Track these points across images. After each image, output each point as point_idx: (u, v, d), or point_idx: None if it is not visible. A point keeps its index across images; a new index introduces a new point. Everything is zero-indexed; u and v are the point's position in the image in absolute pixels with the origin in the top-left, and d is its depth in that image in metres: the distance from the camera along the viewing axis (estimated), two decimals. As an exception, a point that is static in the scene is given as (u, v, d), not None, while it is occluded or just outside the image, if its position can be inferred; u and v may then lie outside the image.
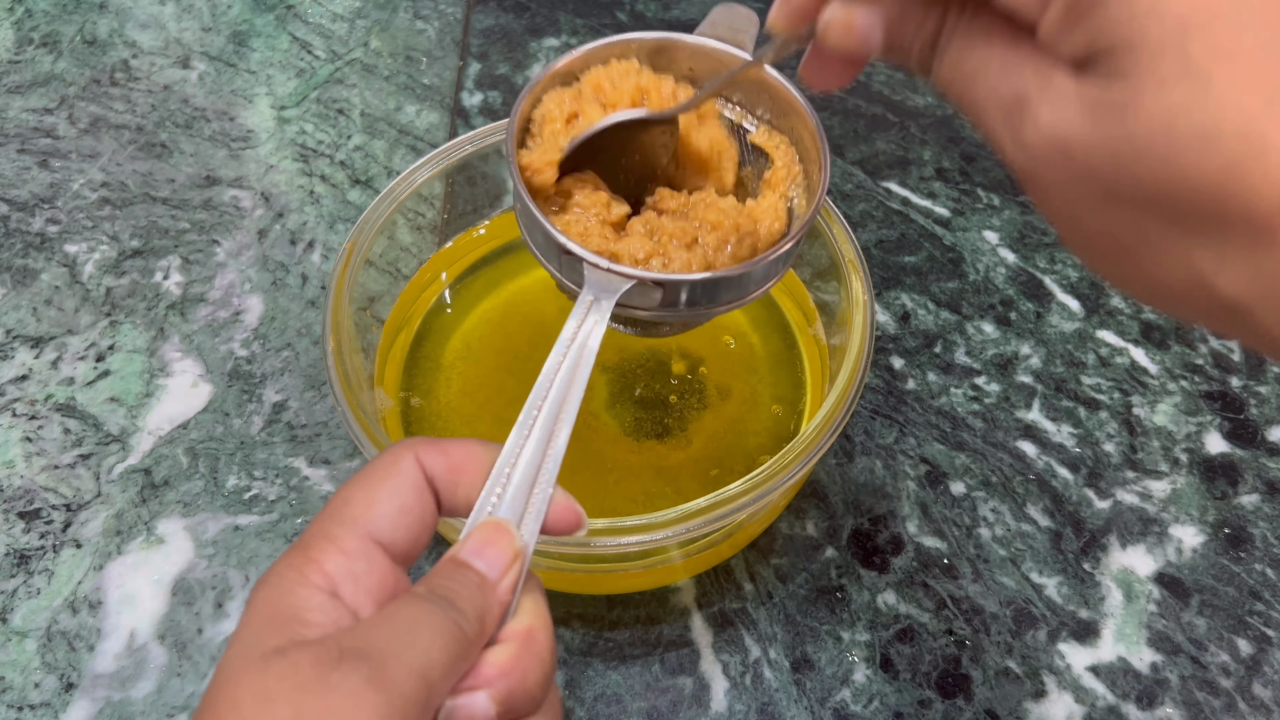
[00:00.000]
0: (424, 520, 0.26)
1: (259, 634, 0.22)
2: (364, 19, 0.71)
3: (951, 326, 0.55)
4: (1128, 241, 0.22)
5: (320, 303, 0.55)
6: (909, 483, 0.49)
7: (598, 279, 0.31)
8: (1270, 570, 0.46)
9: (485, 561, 0.25)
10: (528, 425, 0.27)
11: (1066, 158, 0.22)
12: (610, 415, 0.46)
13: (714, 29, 0.35)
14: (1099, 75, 0.21)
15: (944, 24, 0.25)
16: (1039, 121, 0.22)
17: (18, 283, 0.56)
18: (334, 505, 0.25)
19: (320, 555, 0.24)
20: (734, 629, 0.44)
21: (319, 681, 0.21)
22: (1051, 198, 0.23)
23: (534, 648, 0.25)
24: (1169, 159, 0.20)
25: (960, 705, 0.42)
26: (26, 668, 0.43)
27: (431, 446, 0.26)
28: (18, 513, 0.47)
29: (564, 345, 0.29)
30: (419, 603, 0.23)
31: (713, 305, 0.33)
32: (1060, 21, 0.21)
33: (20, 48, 0.68)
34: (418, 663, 0.22)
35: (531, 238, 0.34)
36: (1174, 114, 0.19)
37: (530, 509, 0.26)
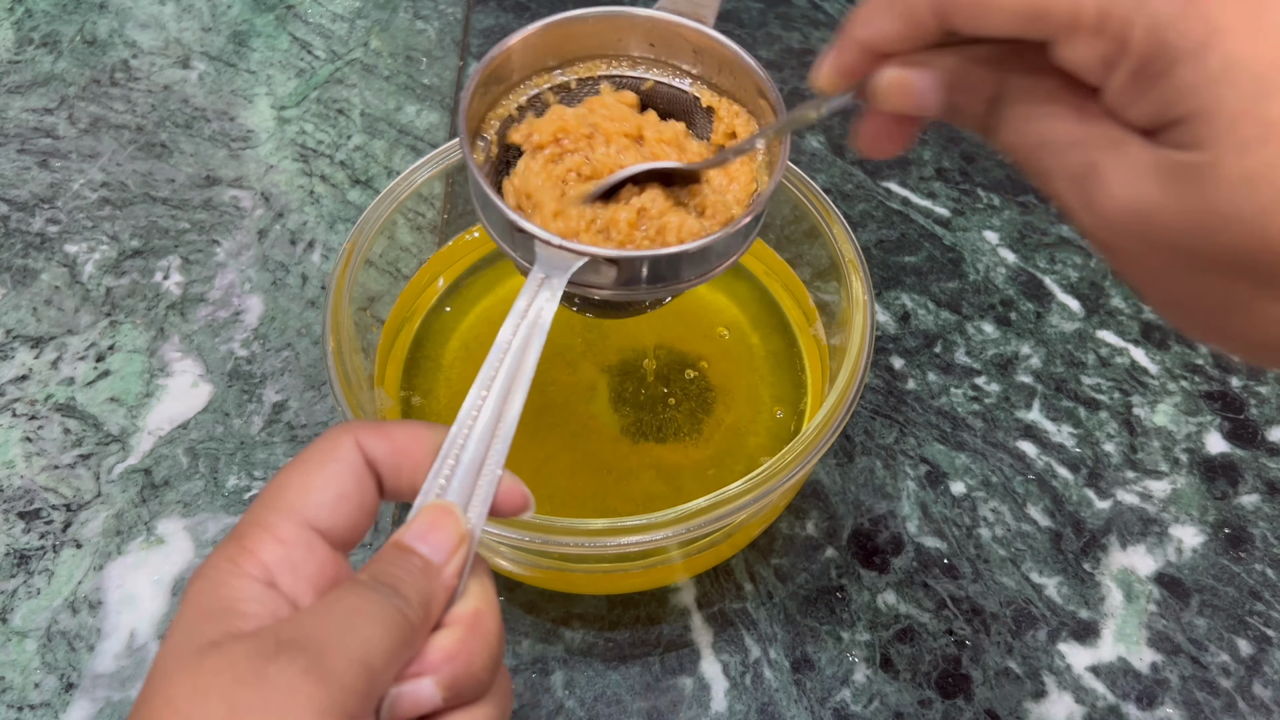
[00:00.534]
0: (364, 506, 0.25)
1: (194, 627, 0.22)
2: (364, 19, 0.71)
3: (951, 326, 0.55)
4: (1217, 304, 0.22)
5: (320, 303, 0.55)
6: (909, 483, 0.49)
7: (549, 255, 0.30)
8: (1270, 570, 0.46)
9: (430, 545, 0.24)
10: (476, 405, 0.27)
11: (1145, 227, 0.21)
12: (610, 415, 0.46)
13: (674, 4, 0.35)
14: (1174, 143, 0.20)
15: (1005, 86, 0.24)
16: (1113, 192, 0.21)
17: (18, 283, 0.56)
18: (269, 492, 0.25)
19: (255, 544, 0.23)
20: (734, 629, 0.44)
21: (255, 674, 0.20)
22: (1133, 265, 0.23)
23: (480, 631, 0.24)
24: (1255, 224, 0.19)
25: (960, 705, 0.42)
26: (26, 668, 0.43)
27: (372, 430, 0.26)
28: (18, 513, 0.47)
29: (514, 323, 0.28)
30: (361, 590, 0.23)
31: (675, 281, 0.32)
32: (1127, 88, 0.21)
33: (20, 48, 0.68)
34: (358, 651, 0.21)
35: (486, 217, 0.33)
36: (1257, 179, 0.19)
37: (478, 492, 0.26)
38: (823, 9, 0.72)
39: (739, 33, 0.70)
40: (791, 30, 0.70)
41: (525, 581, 0.45)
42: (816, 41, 0.70)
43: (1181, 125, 0.20)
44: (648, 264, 0.31)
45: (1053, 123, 0.23)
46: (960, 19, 0.23)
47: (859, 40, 0.25)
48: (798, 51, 0.69)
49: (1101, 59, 0.21)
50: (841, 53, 0.26)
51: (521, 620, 0.44)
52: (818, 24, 0.71)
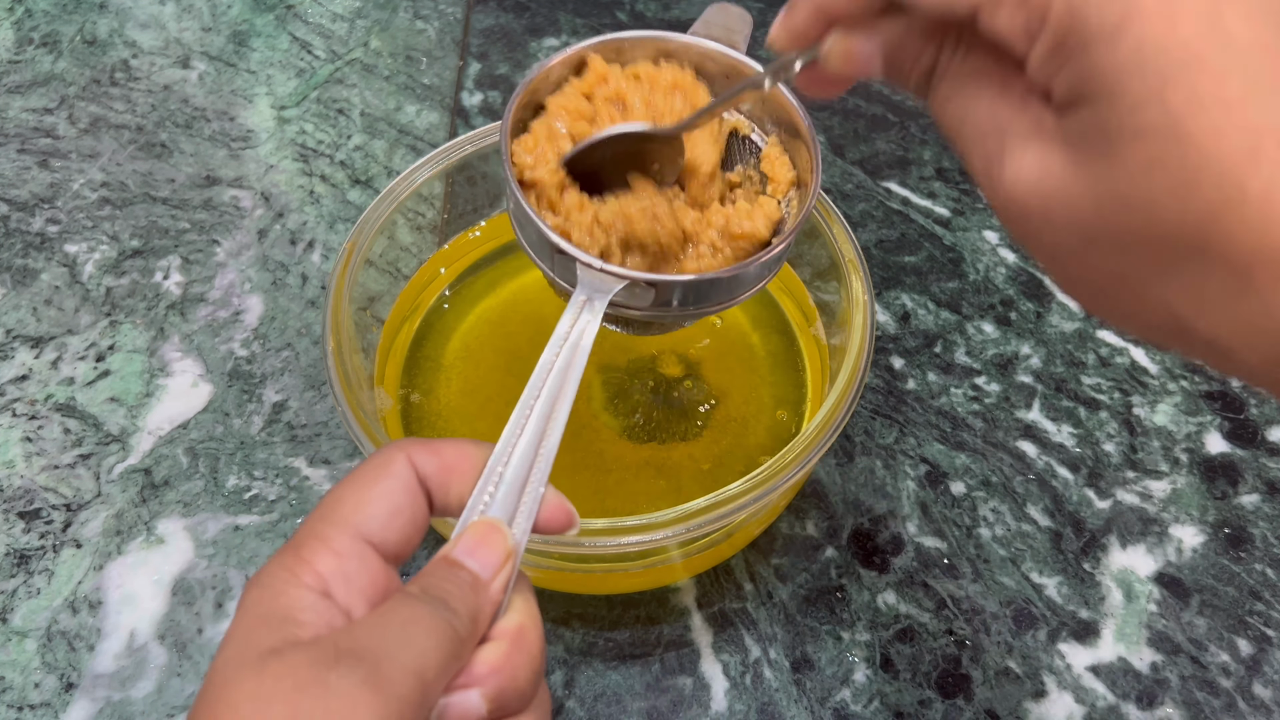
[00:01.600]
0: (415, 521, 0.26)
1: (252, 635, 0.22)
2: (364, 19, 0.71)
3: (951, 326, 0.55)
4: (1108, 282, 0.22)
5: (320, 303, 0.55)
6: (909, 483, 0.49)
7: (591, 279, 0.31)
8: (1270, 570, 0.46)
9: (477, 561, 0.25)
10: (520, 424, 0.28)
11: (1046, 205, 0.22)
12: (610, 415, 0.46)
13: (708, 29, 0.36)
14: (1081, 121, 0.21)
15: (940, 58, 0.25)
16: (1021, 164, 0.22)
17: (18, 283, 0.56)
18: (326, 505, 0.25)
19: (312, 556, 0.24)
20: (734, 629, 0.44)
21: (316, 682, 0.21)
22: (1032, 238, 0.23)
23: (524, 645, 0.25)
24: (1148, 208, 0.20)
25: (960, 705, 0.42)
26: (26, 668, 0.43)
27: (423, 447, 0.27)
28: (18, 513, 0.47)
29: (557, 344, 0.29)
30: (413, 603, 0.23)
31: (704, 305, 0.33)
32: (1045, 61, 0.21)
33: (20, 48, 0.68)
34: (413, 663, 0.22)
35: (525, 236, 0.34)
36: (1153, 165, 0.20)
37: (522, 508, 0.27)
38: (823, 9, 0.72)
39: (739, 33, 0.70)
40: (791, 30, 0.70)
41: (525, 581, 0.45)
42: (816, 41, 0.70)
43: (1090, 105, 0.20)
44: (684, 288, 0.32)
45: (974, 97, 0.24)
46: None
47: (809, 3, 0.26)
48: (798, 51, 0.69)
49: (1023, 28, 0.21)
50: (793, 14, 0.27)
51: (521, 620, 0.44)
52: (818, 24, 0.71)
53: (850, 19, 0.26)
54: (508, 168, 0.33)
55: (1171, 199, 0.20)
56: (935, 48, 0.25)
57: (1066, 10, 0.20)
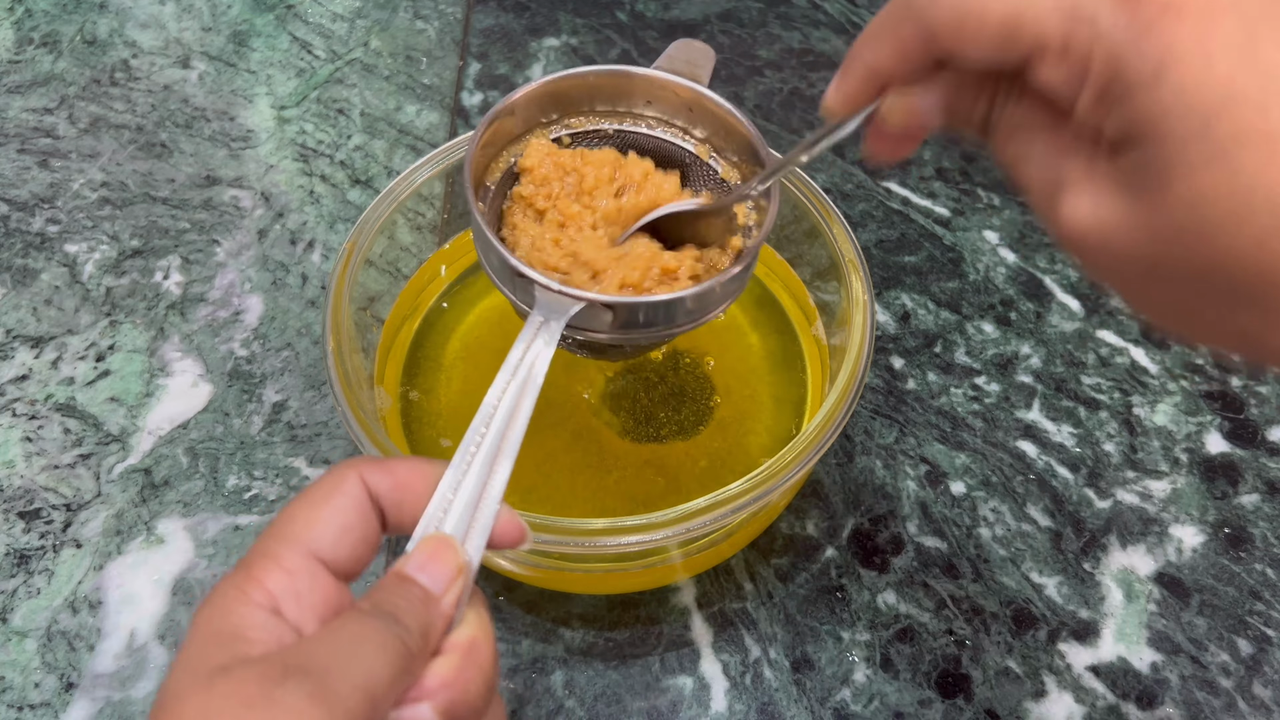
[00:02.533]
0: (367, 538, 0.26)
1: (202, 652, 0.22)
2: (364, 19, 0.71)
3: (951, 326, 0.55)
4: (1178, 308, 0.23)
5: (320, 303, 0.55)
6: (909, 483, 0.49)
7: (548, 300, 0.31)
8: (1270, 570, 0.46)
9: (429, 576, 0.25)
10: (473, 444, 0.28)
11: (1106, 242, 0.23)
12: (610, 415, 0.46)
13: (671, 63, 0.37)
14: (1132, 162, 0.22)
15: (994, 105, 0.26)
16: (1080, 203, 0.23)
17: (18, 283, 0.56)
18: (277, 524, 0.26)
19: (262, 573, 0.24)
20: (734, 629, 0.44)
21: (263, 698, 0.21)
22: (1098, 271, 0.24)
23: (476, 658, 0.25)
24: (1204, 241, 0.21)
25: (960, 705, 0.42)
26: (26, 668, 0.43)
27: (375, 465, 0.27)
28: (18, 513, 0.47)
29: (511, 366, 0.30)
30: (363, 618, 0.23)
31: (668, 327, 0.34)
32: (1093, 108, 0.22)
33: (20, 48, 0.68)
34: (361, 678, 0.22)
35: (487, 261, 0.34)
36: (1204, 199, 0.20)
37: (476, 524, 0.27)
38: (823, 9, 0.72)
39: (739, 33, 0.70)
40: (792, 30, 0.70)
41: (525, 581, 0.45)
42: (816, 41, 0.70)
43: (1139, 147, 0.21)
44: (643, 310, 0.32)
45: (1029, 141, 0.25)
46: (944, 45, 0.24)
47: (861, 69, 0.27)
48: (798, 51, 0.69)
49: (1067, 80, 0.23)
50: (846, 80, 0.28)
51: (521, 620, 0.44)
52: (818, 24, 0.71)
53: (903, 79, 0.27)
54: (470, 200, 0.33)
55: (1225, 229, 0.20)
56: (989, 97, 0.26)
57: (1106, 61, 0.21)
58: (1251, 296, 0.21)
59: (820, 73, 0.67)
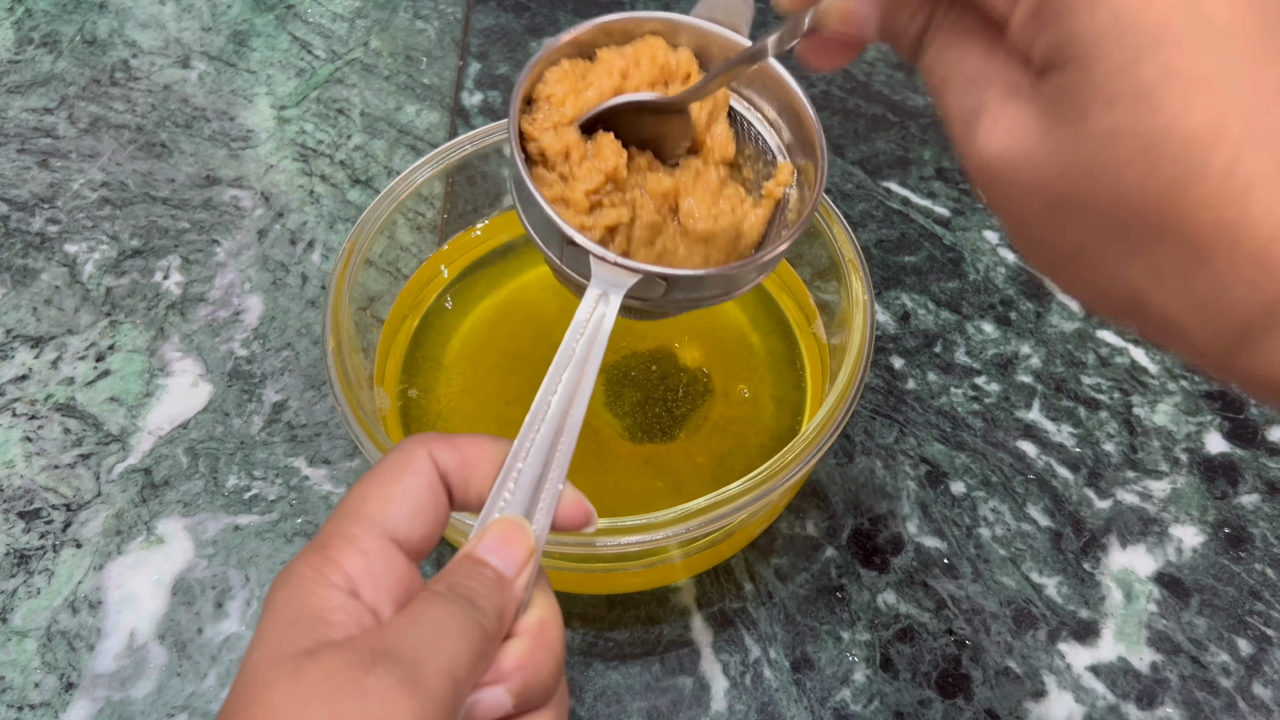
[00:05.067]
0: (438, 517, 0.26)
1: (285, 635, 0.22)
2: (364, 19, 0.71)
3: (951, 326, 0.55)
4: (1069, 252, 0.22)
5: (320, 303, 0.55)
6: (909, 482, 0.49)
7: (606, 273, 0.30)
8: (1270, 570, 0.46)
9: (501, 558, 0.25)
10: (538, 420, 0.28)
11: (1015, 164, 0.22)
12: (611, 415, 0.46)
13: (710, 10, 0.36)
14: (1054, 85, 0.21)
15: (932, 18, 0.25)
16: (995, 124, 0.22)
17: (18, 283, 0.56)
18: (350, 504, 0.25)
19: (339, 555, 0.24)
20: (734, 629, 0.44)
21: (354, 685, 0.21)
22: (999, 202, 0.23)
23: (546, 640, 0.25)
24: (1112, 177, 0.20)
25: (960, 705, 0.42)
26: (26, 668, 0.43)
27: (444, 442, 0.27)
28: (18, 513, 0.47)
29: (573, 340, 0.29)
30: (441, 603, 0.23)
31: (707, 296, 0.34)
32: (1026, 21, 0.21)
33: (20, 48, 0.68)
34: (446, 663, 0.22)
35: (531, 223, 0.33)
36: (1119, 135, 0.20)
37: (540, 504, 0.27)
38: (823, 9, 0.72)
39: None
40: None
41: (525, 581, 0.45)
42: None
43: (1064, 70, 0.21)
44: (694, 282, 0.32)
45: (960, 58, 0.24)
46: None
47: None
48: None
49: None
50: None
51: (521, 620, 0.44)
52: (818, 24, 0.71)
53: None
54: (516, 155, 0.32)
55: (1134, 170, 0.20)
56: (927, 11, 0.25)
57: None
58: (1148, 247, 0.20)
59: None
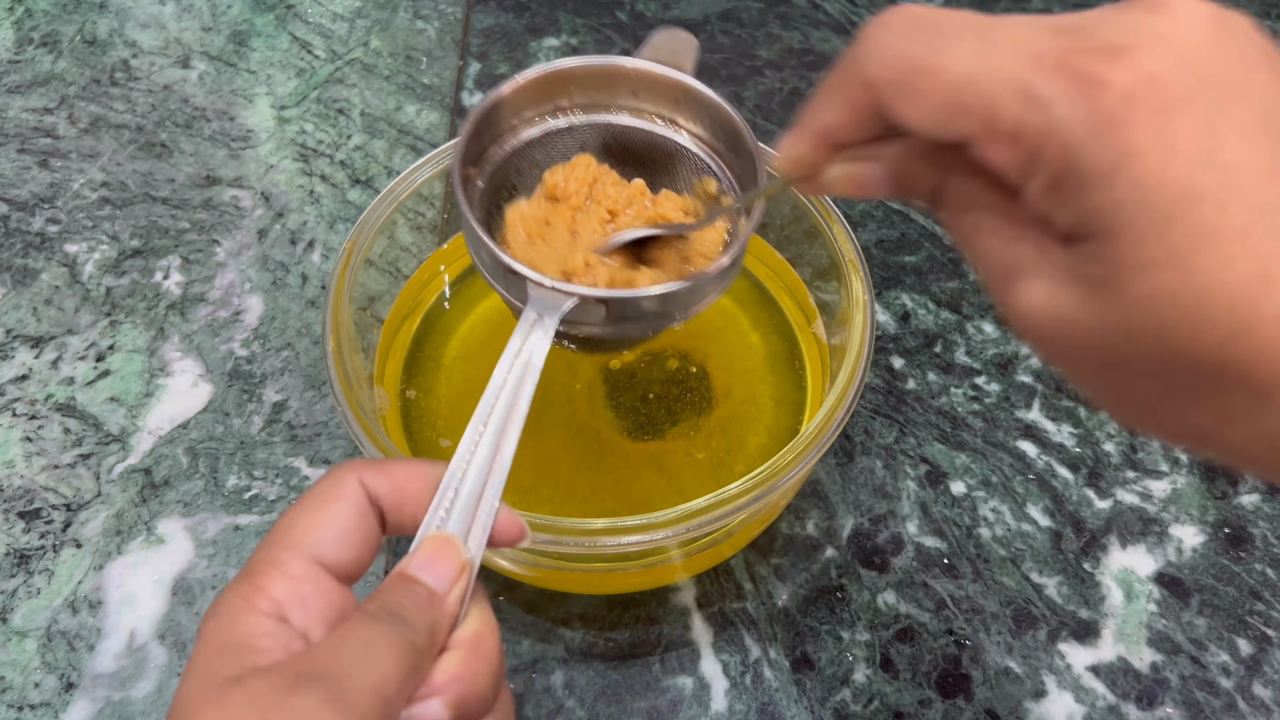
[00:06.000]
0: (367, 541, 0.26)
1: (212, 664, 0.23)
2: (364, 19, 0.71)
3: (951, 326, 0.55)
4: (1132, 401, 0.23)
5: (320, 303, 0.55)
6: (909, 483, 0.49)
7: (541, 296, 0.31)
8: (1270, 570, 0.46)
9: (433, 575, 0.26)
10: (473, 442, 0.28)
11: (1059, 332, 0.22)
12: (610, 415, 0.46)
13: (655, 53, 0.37)
14: (1086, 257, 0.21)
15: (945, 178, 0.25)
16: (1033, 291, 0.22)
17: (18, 283, 0.56)
18: (278, 531, 0.26)
19: (266, 582, 0.24)
20: (734, 629, 0.44)
21: (278, 707, 0.21)
22: (1052, 359, 0.24)
23: (482, 651, 0.25)
24: (1161, 338, 0.20)
25: (960, 705, 0.42)
26: (26, 668, 0.43)
27: (374, 468, 0.27)
28: (18, 513, 0.47)
29: (508, 362, 0.29)
30: (371, 621, 0.24)
31: (659, 320, 0.34)
32: (1043, 194, 0.21)
33: (20, 48, 0.68)
34: (373, 681, 0.22)
35: (479, 258, 0.34)
36: (1161, 299, 0.20)
37: (477, 522, 0.27)
38: (823, 9, 0.72)
39: (739, 33, 0.70)
40: (792, 30, 0.70)
41: (525, 581, 0.45)
42: (817, 41, 0.70)
43: (1093, 242, 0.21)
44: (634, 304, 0.32)
45: (981, 219, 0.24)
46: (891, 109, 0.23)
47: (812, 130, 0.26)
48: (798, 51, 0.69)
49: (1018, 165, 0.21)
50: (797, 143, 0.27)
51: (521, 620, 0.44)
52: (818, 24, 0.71)
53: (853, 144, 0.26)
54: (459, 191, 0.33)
55: (1183, 329, 0.20)
56: (941, 168, 0.25)
57: (1061, 152, 0.20)
58: (1208, 395, 0.21)
59: (820, 73, 0.67)
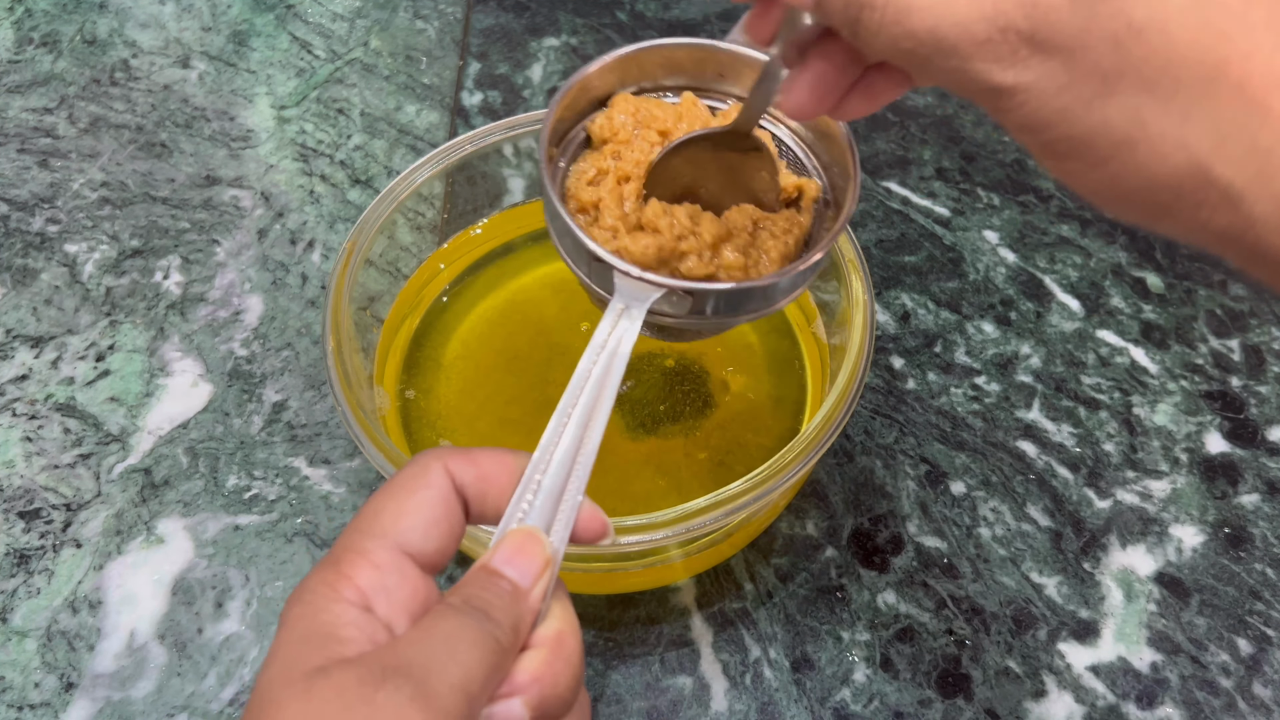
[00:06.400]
0: (453, 531, 0.26)
1: (297, 652, 0.22)
2: (364, 19, 0.71)
3: (951, 326, 0.55)
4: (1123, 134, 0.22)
5: (320, 303, 0.55)
6: (909, 482, 0.49)
7: (629, 287, 0.30)
8: (1270, 570, 0.46)
9: (517, 570, 0.25)
10: (558, 432, 0.27)
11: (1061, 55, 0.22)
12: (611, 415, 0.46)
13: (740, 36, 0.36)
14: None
15: None
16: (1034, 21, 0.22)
17: (18, 283, 0.56)
18: (364, 518, 0.25)
19: (352, 570, 0.24)
20: (734, 629, 0.44)
21: (365, 701, 0.21)
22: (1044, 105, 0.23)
23: (564, 652, 0.25)
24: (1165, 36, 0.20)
25: (960, 705, 0.42)
26: (26, 668, 0.43)
27: (460, 456, 0.27)
28: (18, 513, 0.47)
29: (595, 351, 0.29)
30: (455, 615, 0.23)
31: (738, 314, 0.33)
32: None
33: (20, 48, 0.68)
34: (458, 678, 0.22)
35: (562, 244, 0.34)
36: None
37: (559, 516, 0.27)
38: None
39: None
40: (791, 30, 0.70)
41: (525, 581, 0.45)
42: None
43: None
44: (721, 297, 0.32)
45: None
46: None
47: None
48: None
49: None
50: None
51: (521, 620, 0.44)
52: (818, 24, 0.71)
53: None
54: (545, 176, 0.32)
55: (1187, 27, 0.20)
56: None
57: None
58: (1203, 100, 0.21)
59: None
